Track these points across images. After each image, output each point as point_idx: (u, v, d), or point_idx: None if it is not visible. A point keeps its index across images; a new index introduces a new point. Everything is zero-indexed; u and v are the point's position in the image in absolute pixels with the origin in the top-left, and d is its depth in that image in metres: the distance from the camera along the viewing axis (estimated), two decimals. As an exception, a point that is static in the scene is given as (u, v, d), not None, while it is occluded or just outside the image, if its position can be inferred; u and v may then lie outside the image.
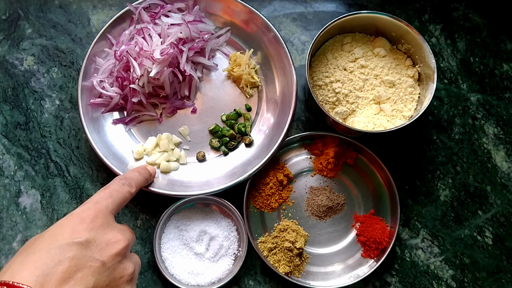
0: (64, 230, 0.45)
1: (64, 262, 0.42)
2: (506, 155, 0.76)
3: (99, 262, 0.45)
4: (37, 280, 0.40)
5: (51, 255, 0.43)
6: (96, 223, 0.47)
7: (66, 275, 0.42)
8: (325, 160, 0.74)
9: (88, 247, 0.45)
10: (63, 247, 0.43)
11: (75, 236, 0.45)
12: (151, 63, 0.71)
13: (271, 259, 0.70)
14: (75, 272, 0.43)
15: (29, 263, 0.42)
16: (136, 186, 0.58)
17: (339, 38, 0.76)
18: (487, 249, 0.73)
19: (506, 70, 0.79)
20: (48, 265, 0.42)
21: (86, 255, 0.44)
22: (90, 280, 0.43)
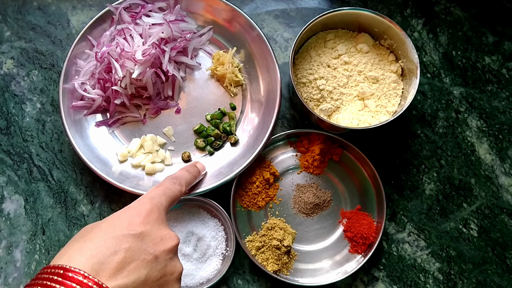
0: (121, 221, 0.46)
1: (120, 253, 0.43)
2: (489, 148, 0.77)
3: (152, 256, 0.46)
4: (92, 267, 0.41)
5: (107, 244, 0.43)
6: (152, 217, 0.48)
7: (120, 265, 0.43)
8: (311, 157, 0.74)
9: (143, 240, 0.46)
10: (119, 238, 0.44)
11: (131, 228, 0.46)
12: (133, 64, 0.70)
13: (259, 257, 0.70)
14: (129, 263, 0.44)
15: (86, 250, 0.43)
16: (186, 185, 0.59)
17: (322, 35, 0.76)
18: (473, 241, 0.74)
19: (488, 63, 0.80)
20: (104, 254, 0.43)
21: (140, 247, 0.45)
22: (143, 272, 0.44)
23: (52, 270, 0.41)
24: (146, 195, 0.52)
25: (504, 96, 0.79)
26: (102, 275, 0.41)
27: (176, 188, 0.56)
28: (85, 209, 0.73)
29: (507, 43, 0.80)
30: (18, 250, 0.71)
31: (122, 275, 0.42)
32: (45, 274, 0.41)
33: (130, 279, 0.43)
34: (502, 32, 0.81)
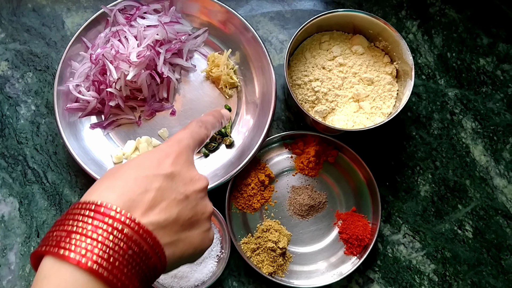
0: (151, 162, 0.46)
1: (151, 192, 0.43)
2: (484, 149, 0.77)
3: (183, 195, 0.46)
4: (124, 204, 0.41)
5: (138, 183, 0.43)
6: (181, 159, 0.48)
7: (151, 203, 0.43)
8: (306, 159, 0.74)
9: (173, 180, 0.46)
10: (150, 178, 0.44)
11: (161, 169, 0.46)
12: (128, 66, 0.70)
13: (254, 259, 0.70)
14: (160, 202, 0.44)
15: (116, 188, 0.43)
16: (212, 129, 0.58)
17: (317, 37, 0.76)
18: (468, 242, 0.74)
19: (482, 65, 0.80)
20: (135, 192, 0.42)
21: (171, 187, 0.45)
22: (174, 210, 0.44)
23: (83, 206, 0.41)
24: (174, 137, 0.51)
25: (498, 98, 0.79)
26: (134, 212, 0.42)
27: (202, 131, 0.55)
28: (80, 211, 0.73)
29: (502, 44, 0.81)
30: (12, 252, 0.71)
31: (153, 213, 0.43)
32: (76, 210, 0.41)
33: (162, 216, 0.43)
34: (497, 33, 0.81)
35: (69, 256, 0.38)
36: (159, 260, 0.42)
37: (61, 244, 0.38)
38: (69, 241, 0.38)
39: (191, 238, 0.47)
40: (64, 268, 0.38)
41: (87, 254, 0.38)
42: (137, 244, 0.40)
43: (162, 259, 0.43)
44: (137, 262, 0.40)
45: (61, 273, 0.38)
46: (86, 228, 0.39)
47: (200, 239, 0.48)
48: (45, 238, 0.41)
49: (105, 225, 0.39)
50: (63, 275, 0.38)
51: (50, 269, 0.38)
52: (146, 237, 0.41)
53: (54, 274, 0.38)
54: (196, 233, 0.47)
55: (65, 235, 0.39)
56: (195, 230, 0.47)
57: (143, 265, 0.41)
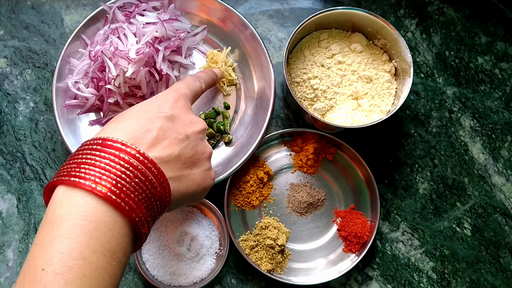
0: (151, 106, 0.50)
1: (153, 131, 0.47)
2: (483, 147, 0.77)
3: (183, 135, 0.49)
4: (128, 140, 0.44)
5: (141, 123, 0.47)
6: (179, 104, 0.52)
7: (154, 140, 0.46)
8: (304, 157, 0.74)
9: (174, 121, 0.49)
10: (151, 119, 0.48)
11: (161, 111, 0.49)
12: (127, 63, 0.70)
13: (253, 257, 0.70)
14: (162, 139, 0.47)
15: (121, 128, 0.46)
16: (205, 84, 0.63)
17: (315, 35, 0.77)
18: (466, 240, 0.74)
19: (480, 63, 0.80)
20: (138, 131, 0.46)
21: (172, 127, 0.49)
22: (176, 148, 0.48)
23: (91, 142, 0.44)
24: (171, 87, 0.56)
25: (497, 96, 0.79)
26: (138, 146, 0.44)
27: (197, 84, 0.60)
28: (78, 208, 0.72)
29: (500, 43, 0.81)
30: (10, 249, 0.71)
31: (156, 149, 0.46)
32: (85, 146, 0.44)
33: (164, 152, 0.46)
34: (495, 32, 0.81)
35: (79, 182, 0.40)
36: (164, 191, 0.45)
37: (72, 173, 0.41)
38: (79, 170, 0.41)
39: (194, 175, 0.50)
40: (75, 194, 0.40)
41: (96, 180, 0.40)
42: (143, 173, 0.43)
43: (167, 191, 0.46)
44: (143, 189, 0.43)
45: (72, 198, 0.40)
46: (95, 159, 0.42)
47: (202, 177, 0.51)
48: (57, 173, 0.44)
49: (111, 156, 0.42)
50: (74, 199, 0.40)
51: (62, 196, 0.41)
52: (151, 167, 0.44)
53: (66, 199, 0.40)
54: (198, 171, 0.50)
55: (75, 166, 0.42)
56: (197, 168, 0.50)
57: (149, 193, 0.43)
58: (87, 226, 0.39)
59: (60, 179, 0.41)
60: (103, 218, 0.40)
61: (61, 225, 0.39)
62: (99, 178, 0.40)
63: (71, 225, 0.39)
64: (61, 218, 0.39)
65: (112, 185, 0.41)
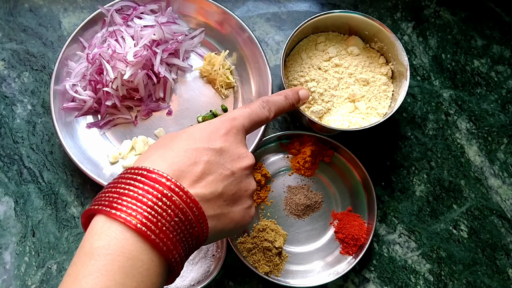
0: (201, 135, 0.48)
1: (199, 164, 0.45)
2: (479, 150, 0.78)
3: (229, 171, 0.47)
4: (174, 174, 0.43)
5: (188, 155, 0.45)
6: (231, 136, 0.49)
7: (199, 176, 0.45)
8: (302, 159, 0.74)
9: (222, 155, 0.47)
10: (200, 150, 0.46)
11: (211, 142, 0.47)
12: (125, 66, 0.70)
13: (250, 259, 0.70)
14: (207, 175, 0.45)
15: (167, 157, 0.45)
16: (276, 112, 0.57)
17: (313, 38, 0.77)
18: (463, 242, 0.75)
19: (477, 66, 0.81)
20: (185, 163, 0.44)
21: (219, 162, 0.47)
22: (220, 185, 0.46)
23: (135, 171, 0.43)
24: (230, 114, 0.52)
25: (493, 99, 0.80)
26: (182, 181, 0.43)
27: (264, 113, 0.54)
28: (76, 211, 0.73)
29: (496, 46, 0.82)
30: (7, 252, 0.70)
31: (200, 185, 0.44)
32: (128, 174, 0.43)
33: (208, 189, 0.45)
34: (491, 35, 0.82)
35: (120, 216, 0.40)
36: (202, 231, 0.44)
37: (113, 205, 0.40)
38: (121, 202, 0.40)
39: (233, 214, 0.48)
40: (114, 227, 0.40)
41: (137, 216, 0.40)
42: (183, 212, 0.42)
43: (205, 230, 0.44)
44: (182, 229, 0.42)
45: (112, 232, 0.40)
46: (138, 192, 0.41)
47: (241, 215, 0.49)
48: (97, 198, 0.43)
49: (155, 191, 0.41)
50: (114, 233, 0.40)
51: (101, 227, 0.40)
52: (192, 206, 0.43)
53: (105, 232, 0.40)
54: (238, 209, 0.48)
55: (117, 196, 0.41)
56: (237, 206, 0.48)
57: (187, 233, 0.43)
58: (124, 263, 0.39)
59: (101, 209, 0.41)
60: (141, 256, 0.40)
61: (99, 259, 0.38)
62: (141, 214, 0.40)
63: (108, 261, 0.38)
64: (98, 252, 0.39)
65: (152, 223, 0.40)
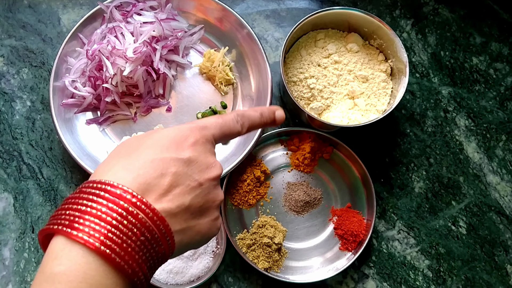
0: (169, 143, 0.45)
1: (167, 176, 0.42)
2: (477, 146, 0.78)
3: (197, 182, 0.45)
4: (139, 187, 0.40)
5: (154, 165, 0.42)
6: (199, 145, 0.46)
7: (166, 189, 0.42)
8: (301, 156, 0.74)
9: (190, 166, 0.45)
10: (167, 160, 0.43)
11: (179, 152, 0.44)
12: (124, 62, 0.70)
13: (250, 255, 0.70)
14: (174, 187, 0.43)
15: (132, 169, 0.42)
16: (249, 128, 0.54)
17: (312, 35, 0.77)
18: (462, 238, 0.75)
19: (475, 63, 0.81)
20: (151, 175, 0.41)
21: (187, 173, 0.44)
22: (187, 198, 0.43)
23: (98, 185, 0.40)
24: (201, 122, 0.49)
25: (491, 96, 0.80)
26: (148, 196, 0.41)
27: (236, 128, 0.52)
28: (75, 207, 0.72)
29: (494, 43, 0.82)
30: (7, 248, 0.70)
31: (167, 199, 0.42)
32: (90, 188, 0.40)
33: (174, 203, 0.42)
34: (489, 33, 0.82)
35: (81, 237, 0.37)
36: (168, 247, 0.42)
37: (74, 225, 0.38)
38: (82, 222, 0.38)
39: (200, 226, 0.46)
40: (75, 249, 0.37)
41: (100, 237, 0.37)
42: (149, 230, 0.40)
43: (172, 246, 0.42)
44: (147, 248, 0.40)
45: (72, 255, 0.37)
46: (100, 209, 0.38)
47: (208, 227, 0.47)
48: (56, 216, 0.40)
49: (119, 208, 0.39)
50: (74, 257, 0.37)
51: (61, 249, 0.38)
52: (159, 224, 0.41)
53: (66, 255, 0.37)
54: (205, 221, 0.46)
55: (78, 215, 0.38)
56: (204, 218, 0.46)
57: (153, 251, 0.41)
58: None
59: (61, 229, 0.38)
60: (104, 281, 0.38)
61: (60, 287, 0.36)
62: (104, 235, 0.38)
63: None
64: (59, 278, 0.37)
65: (116, 244, 0.38)
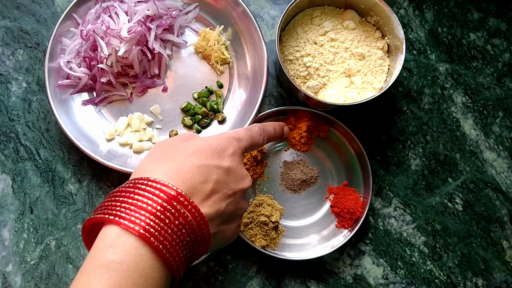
0: (212, 151, 0.49)
1: (210, 182, 0.46)
2: (474, 123, 0.78)
3: (232, 191, 0.49)
4: (187, 190, 0.44)
5: (200, 171, 0.46)
6: (237, 156, 0.51)
7: (208, 194, 0.46)
8: (298, 135, 0.74)
9: (229, 174, 0.49)
10: (211, 168, 0.47)
11: (221, 161, 0.49)
12: (119, 42, 0.70)
13: (247, 233, 0.71)
14: (214, 194, 0.47)
15: (181, 173, 0.45)
16: (267, 141, 0.61)
17: (308, 12, 0.76)
18: (458, 215, 0.75)
19: (473, 40, 0.80)
20: (197, 180, 0.46)
21: (226, 181, 0.48)
22: (223, 204, 0.47)
23: (151, 183, 0.43)
24: (235, 133, 0.54)
25: (488, 72, 0.79)
26: (194, 199, 0.45)
27: (260, 141, 0.58)
28: (73, 187, 0.73)
29: (492, 19, 0.81)
30: (6, 229, 0.71)
31: (207, 204, 0.46)
32: (143, 185, 0.43)
33: (213, 208, 0.46)
34: (487, 8, 0.81)
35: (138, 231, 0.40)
36: (205, 248, 0.46)
37: (131, 218, 0.41)
38: (138, 216, 0.41)
39: (227, 231, 0.50)
40: (129, 241, 0.40)
41: (155, 234, 0.40)
42: (195, 233, 0.43)
43: (207, 247, 0.46)
44: (190, 249, 0.43)
45: (126, 246, 0.40)
46: (156, 208, 0.42)
47: (232, 232, 0.51)
48: (108, 206, 0.43)
49: (173, 209, 0.42)
50: (128, 248, 0.40)
51: (116, 240, 0.40)
52: (203, 227, 0.44)
53: (120, 245, 0.40)
54: (231, 227, 0.50)
55: (134, 209, 0.41)
56: (231, 224, 0.50)
57: (194, 253, 0.44)
58: (137, 280, 0.40)
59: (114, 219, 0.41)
60: (153, 274, 0.41)
61: (113, 274, 0.39)
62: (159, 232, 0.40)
63: (123, 277, 0.39)
64: (113, 266, 0.39)
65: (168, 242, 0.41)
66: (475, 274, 0.74)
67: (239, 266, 0.72)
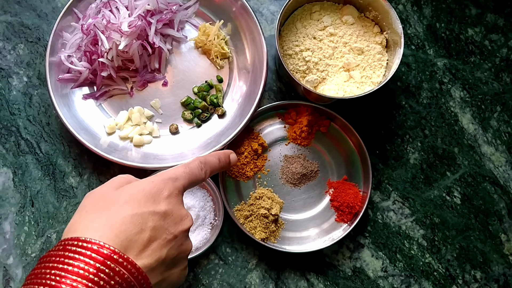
0: (146, 197, 0.46)
1: (146, 231, 0.44)
2: (472, 118, 0.79)
3: (173, 235, 0.47)
4: (121, 244, 0.42)
5: (134, 221, 0.44)
6: (173, 198, 0.48)
7: (145, 243, 0.44)
8: (298, 129, 0.75)
9: (166, 219, 0.46)
10: (146, 215, 0.45)
11: (156, 206, 0.46)
12: (119, 36, 0.70)
13: (247, 226, 0.71)
14: (152, 242, 0.44)
15: (114, 226, 0.43)
16: (210, 174, 0.57)
17: (307, 7, 0.77)
18: (456, 208, 0.76)
19: (471, 35, 0.81)
20: (131, 231, 0.43)
21: (163, 226, 0.46)
22: (163, 251, 0.45)
23: (81, 244, 0.41)
24: (170, 173, 0.51)
25: (486, 67, 0.80)
26: (129, 252, 0.42)
27: (201, 175, 0.54)
28: (74, 181, 0.73)
29: (490, 15, 0.82)
30: (7, 222, 0.71)
31: (146, 254, 0.44)
32: (73, 246, 0.41)
33: (153, 258, 0.44)
34: (485, 4, 0.82)
35: None
36: None
37: (63, 286, 0.38)
38: (71, 283, 0.38)
39: (172, 276, 0.48)
40: None
41: None
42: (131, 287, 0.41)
43: None
44: None
45: None
46: (89, 271, 0.39)
47: (178, 276, 0.49)
48: (39, 275, 0.40)
49: (107, 269, 0.40)
50: None
51: None
52: (141, 280, 0.42)
53: None
54: (176, 271, 0.48)
55: (64, 275, 0.39)
56: (176, 268, 0.48)
57: None
58: None
59: None
60: None
61: None
62: None
63: None
64: None
65: None
66: (473, 267, 0.74)
67: (239, 258, 0.72)
